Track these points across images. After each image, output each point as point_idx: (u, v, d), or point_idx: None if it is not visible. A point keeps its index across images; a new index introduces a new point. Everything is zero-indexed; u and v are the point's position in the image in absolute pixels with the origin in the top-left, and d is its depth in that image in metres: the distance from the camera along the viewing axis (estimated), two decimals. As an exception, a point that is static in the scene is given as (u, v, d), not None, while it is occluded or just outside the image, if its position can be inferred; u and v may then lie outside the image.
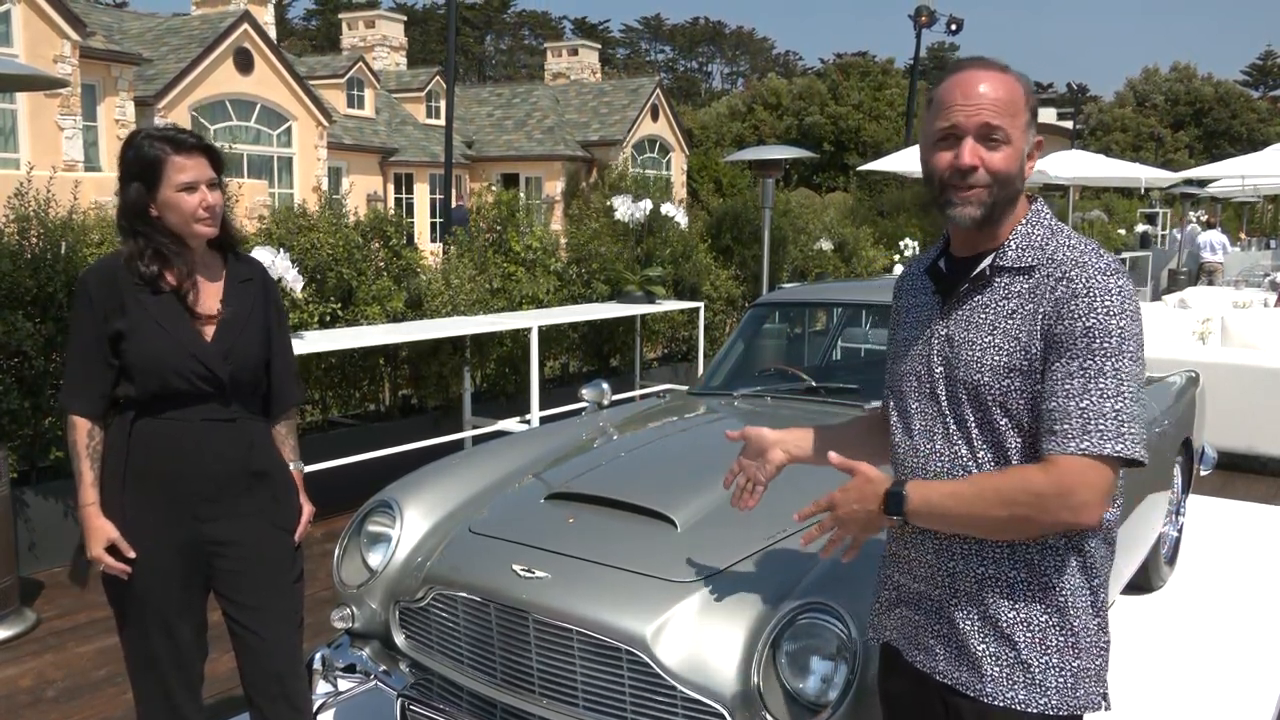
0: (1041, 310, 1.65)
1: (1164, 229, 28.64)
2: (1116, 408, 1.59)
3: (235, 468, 2.46)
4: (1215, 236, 18.53)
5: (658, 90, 31.99)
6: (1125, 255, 19.43)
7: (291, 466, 2.65)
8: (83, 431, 2.41)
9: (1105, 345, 1.60)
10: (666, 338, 9.53)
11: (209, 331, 2.43)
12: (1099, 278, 1.62)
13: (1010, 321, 1.68)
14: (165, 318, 2.38)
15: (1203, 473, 4.93)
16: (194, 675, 2.54)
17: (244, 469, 2.47)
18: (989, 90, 1.67)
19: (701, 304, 8.67)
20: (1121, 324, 1.61)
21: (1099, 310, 1.61)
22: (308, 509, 2.66)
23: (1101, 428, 1.58)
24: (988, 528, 1.66)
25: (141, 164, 2.35)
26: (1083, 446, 1.58)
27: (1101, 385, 1.59)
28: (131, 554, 2.40)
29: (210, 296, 2.47)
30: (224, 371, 2.41)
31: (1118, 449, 1.58)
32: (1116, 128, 57.05)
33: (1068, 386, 1.61)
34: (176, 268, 2.40)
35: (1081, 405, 1.59)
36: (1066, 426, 1.60)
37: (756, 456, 2.21)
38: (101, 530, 2.38)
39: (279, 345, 2.60)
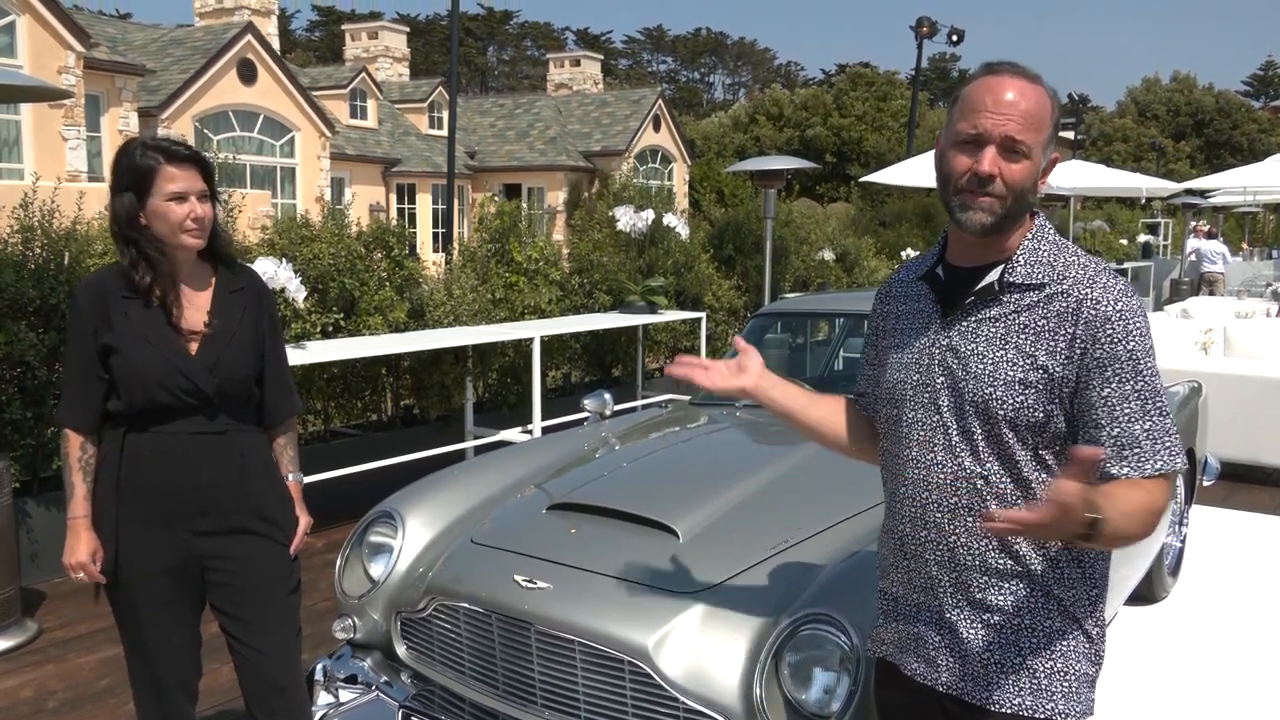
0: (1073, 332, 1.65)
1: (1165, 239, 28.63)
2: (1167, 425, 1.66)
3: (226, 481, 2.44)
4: (1215, 246, 18.50)
5: (660, 101, 32.06)
6: (1127, 265, 19.43)
7: (290, 478, 2.64)
8: (75, 445, 2.41)
9: (1148, 366, 1.66)
10: (669, 348, 9.53)
11: (195, 345, 2.41)
12: (1124, 299, 1.66)
13: (1023, 336, 1.68)
14: (151, 331, 2.37)
15: (1206, 483, 4.92)
16: (188, 690, 2.54)
17: (235, 482, 2.46)
18: (1019, 100, 1.65)
19: (704, 314, 8.68)
20: (1150, 344, 1.68)
21: (1134, 333, 1.65)
22: (305, 520, 2.64)
23: (1168, 445, 1.65)
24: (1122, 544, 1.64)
25: (134, 173, 2.35)
26: (1157, 467, 1.63)
27: (1159, 404, 1.66)
28: (102, 579, 2.40)
29: (198, 309, 2.45)
30: (209, 385, 2.39)
31: (1175, 464, 1.65)
32: (1118, 138, 57.10)
33: (1127, 410, 1.64)
34: (161, 279, 2.39)
35: (1146, 428, 1.64)
36: (1138, 451, 1.64)
37: (735, 369, 2.02)
38: (87, 542, 2.38)
39: (272, 356, 2.57)
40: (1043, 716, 1.68)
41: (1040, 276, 1.70)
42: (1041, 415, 1.67)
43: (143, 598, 2.42)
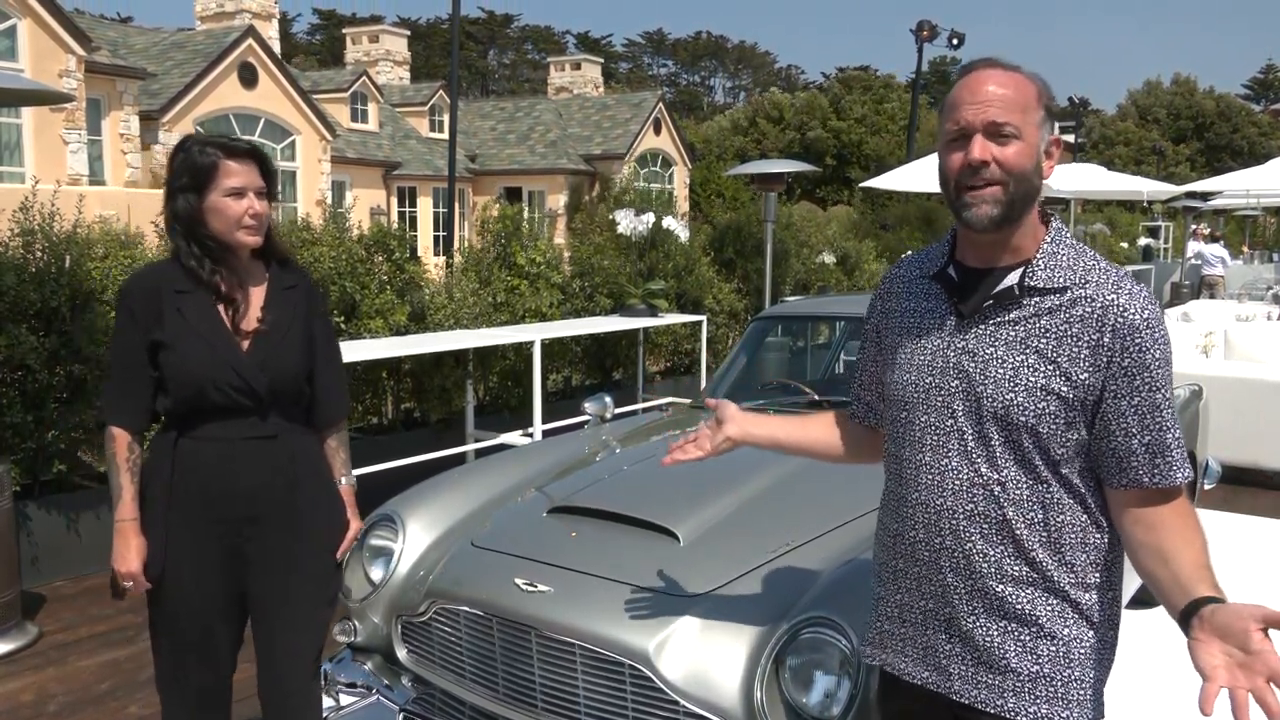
0: (1098, 339, 1.63)
1: (1166, 243, 28.63)
2: (1180, 436, 1.67)
3: (276, 485, 2.42)
4: (1215, 250, 18.49)
5: (660, 104, 32.07)
6: (1128, 269, 19.41)
7: (343, 482, 2.62)
8: (123, 445, 2.37)
9: (1169, 376, 1.66)
10: (669, 351, 9.53)
11: (247, 342, 2.39)
12: (1150, 307, 1.65)
13: (1044, 341, 1.65)
14: (204, 328, 2.35)
15: (1207, 487, 4.91)
16: (224, 691, 2.53)
17: (285, 487, 2.44)
18: (996, 88, 1.65)
19: (704, 317, 8.68)
20: (1171, 353, 1.67)
21: (1161, 341, 1.64)
22: (355, 525, 2.62)
23: (1184, 455, 1.66)
24: None
25: (193, 169, 2.34)
26: (1186, 475, 1.65)
27: (1175, 415, 1.67)
28: (147, 585, 2.38)
29: (252, 306, 2.43)
30: (260, 383, 2.37)
31: (1189, 474, 1.67)
32: (1119, 141, 57.11)
33: (1158, 419, 1.64)
34: (226, 276, 2.38)
35: (1176, 436, 1.66)
36: (1168, 459, 1.65)
37: (715, 426, 2.14)
38: (138, 548, 2.36)
39: (324, 355, 2.55)
40: None
41: (1062, 280, 1.67)
42: (1063, 422, 1.64)
43: (186, 603, 2.39)
